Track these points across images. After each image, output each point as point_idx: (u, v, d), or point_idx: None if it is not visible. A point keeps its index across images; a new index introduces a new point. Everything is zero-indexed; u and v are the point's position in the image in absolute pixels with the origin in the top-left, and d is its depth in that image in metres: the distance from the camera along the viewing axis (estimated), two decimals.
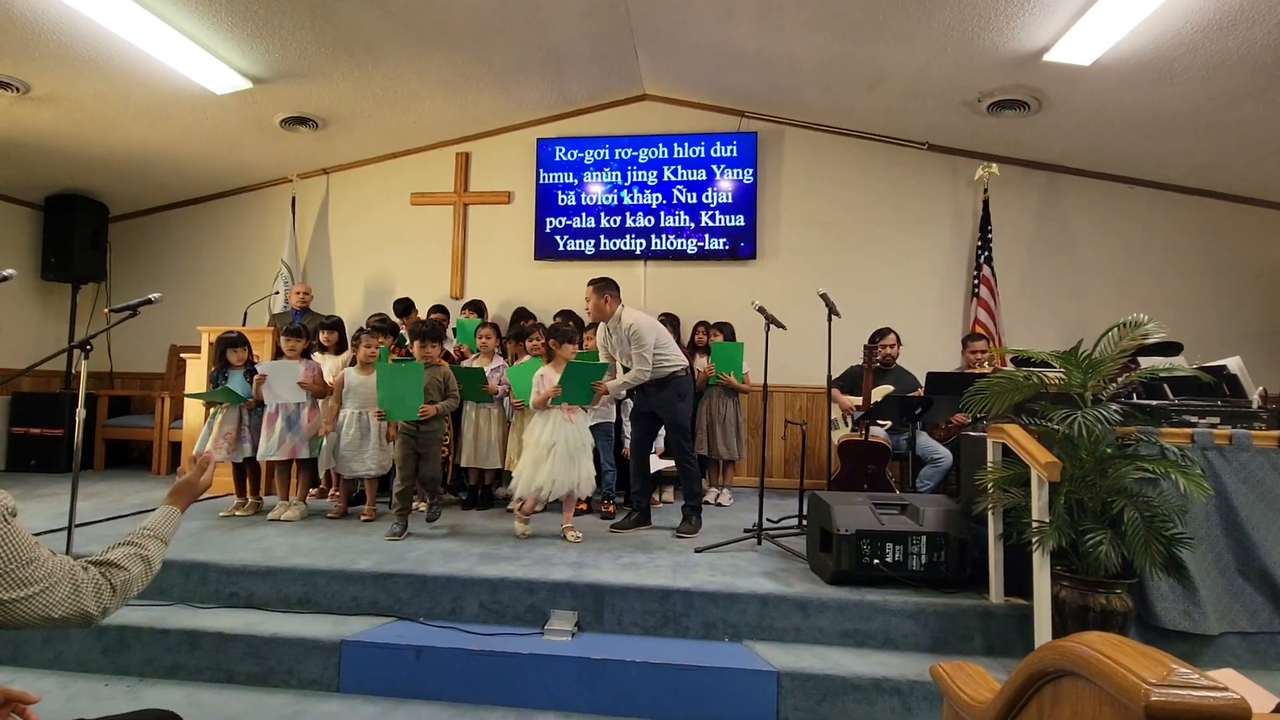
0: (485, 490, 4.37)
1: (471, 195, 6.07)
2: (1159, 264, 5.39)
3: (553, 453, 3.35)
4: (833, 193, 5.71)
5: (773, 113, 5.69)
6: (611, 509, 4.08)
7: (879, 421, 4.15)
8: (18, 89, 4.28)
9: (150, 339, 6.09)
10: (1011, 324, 5.37)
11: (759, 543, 3.37)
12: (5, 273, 3.24)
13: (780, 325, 3.55)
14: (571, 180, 5.89)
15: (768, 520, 3.68)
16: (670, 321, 4.97)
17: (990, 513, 2.57)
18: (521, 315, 5.39)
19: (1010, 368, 3.07)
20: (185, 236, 6.39)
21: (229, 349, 3.99)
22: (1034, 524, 2.28)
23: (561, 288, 5.77)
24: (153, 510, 1.35)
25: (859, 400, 4.12)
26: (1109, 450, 2.33)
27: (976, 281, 5.35)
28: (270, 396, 3.86)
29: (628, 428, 4.36)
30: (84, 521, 3.46)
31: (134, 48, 3.94)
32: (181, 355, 5.11)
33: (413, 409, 3.48)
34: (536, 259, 5.92)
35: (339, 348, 4.52)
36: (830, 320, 3.64)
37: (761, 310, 3.49)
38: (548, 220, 5.91)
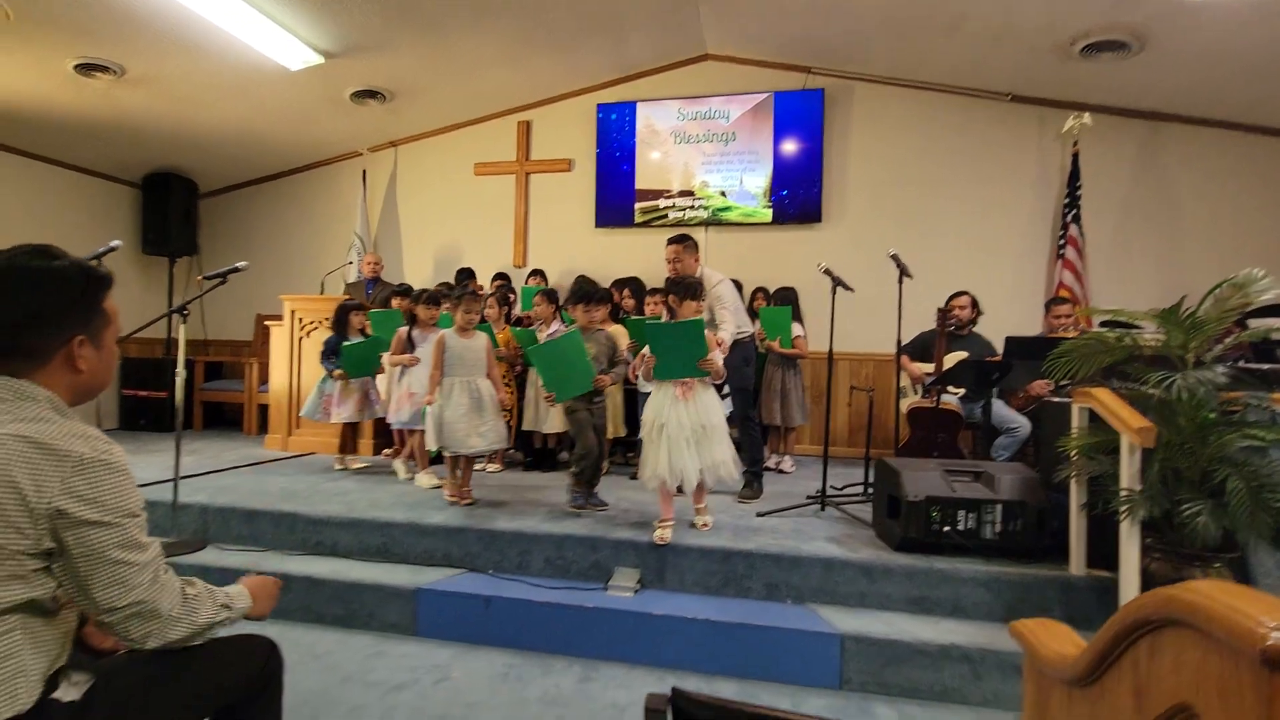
0: (550, 453, 4.47)
1: (533, 164, 6.11)
2: (1273, 220, 4.89)
3: (664, 436, 2.79)
4: (904, 150, 5.43)
5: (841, 67, 5.43)
6: None
7: (951, 389, 3.98)
8: (115, 72, 4.56)
9: (238, 309, 6.49)
10: (1100, 288, 5.01)
11: (822, 509, 3.33)
12: (112, 244, 3.50)
13: (847, 287, 3.43)
14: (632, 145, 5.83)
15: (832, 488, 3.61)
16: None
17: (1074, 481, 2.44)
18: (584, 284, 5.42)
19: (1098, 329, 2.86)
20: (266, 211, 6.73)
21: (350, 314, 4.17)
22: (1123, 492, 2.14)
23: (622, 255, 5.77)
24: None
25: (930, 368, 3.96)
26: (1212, 416, 2.15)
27: (1063, 242, 5.01)
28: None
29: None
30: (187, 474, 3.76)
31: (214, 26, 4.12)
32: (266, 323, 5.42)
33: (585, 380, 3.08)
34: (597, 226, 5.93)
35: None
36: (901, 282, 3.49)
37: (828, 272, 3.38)
38: (608, 187, 5.89)
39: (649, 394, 3.10)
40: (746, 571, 2.66)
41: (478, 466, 4.39)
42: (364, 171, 6.31)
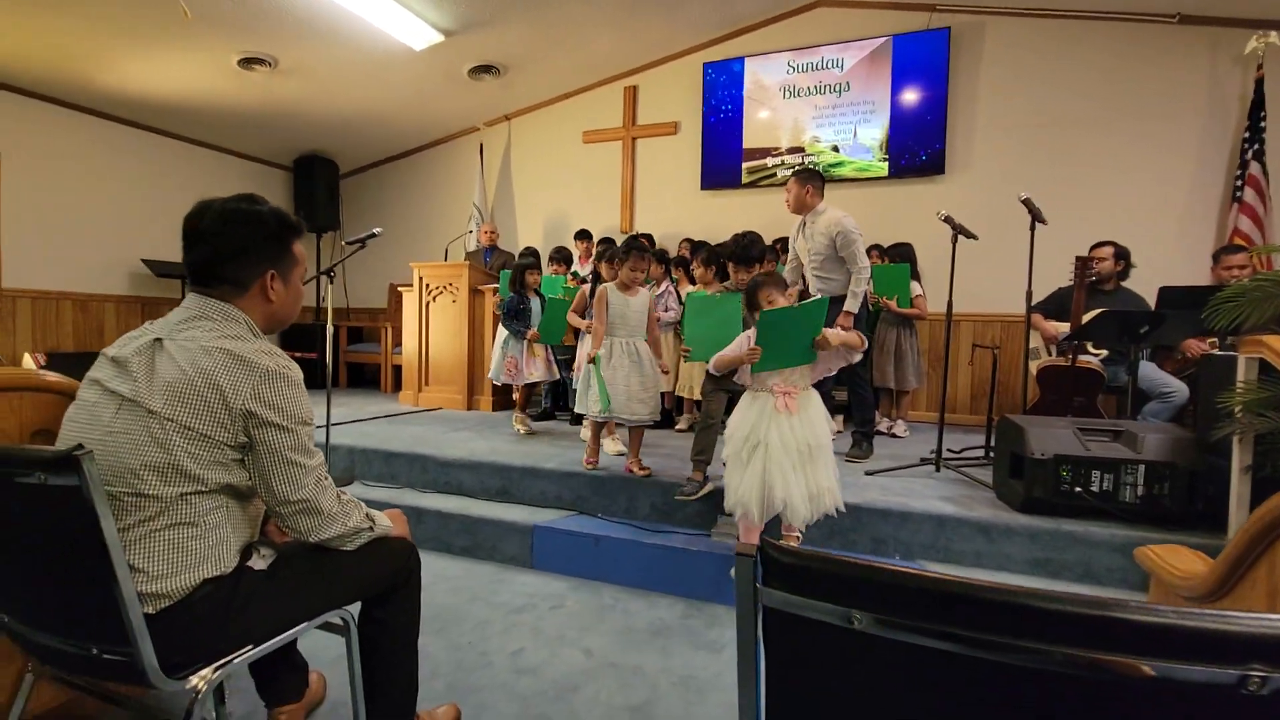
0: (665, 413, 4.58)
1: (639, 129, 6.15)
2: None
3: (760, 456, 2.26)
4: (1043, 90, 4.93)
5: (970, 2, 4.99)
6: None
7: (1091, 349, 3.63)
8: (270, 64, 5.09)
9: (374, 279, 7.11)
10: None
11: (937, 469, 3.19)
12: None
13: (970, 235, 3.21)
14: (739, 104, 5.71)
15: (948, 450, 3.45)
16: None
17: (1236, 440, 2.18)
18: (694, 248, 5.42)
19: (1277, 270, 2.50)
20: (396, 187, 7.28)
21: (526, 272, 4.05)
22: None
23: (729, 216, 5.71)
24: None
25: (1066, 327, 3.63)
26: None
27: (1240, 183, 4.37)
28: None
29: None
30: (336, 422, 4.23)
31: (350, 13, 4.47)
32: (399, 290, 5.91)
33: (722, 347, 2.67)
34: (703, 189, 5.89)
35: None
36: (1033, 229, 3.21)
37: (948, 220, 3.17)
38: (714, 147, 5.82)
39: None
40: (852, 525, 2.63)
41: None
42: (481, 145, 6.65)
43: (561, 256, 4.73)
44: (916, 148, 5.19)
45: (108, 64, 4.88)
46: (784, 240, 4.85)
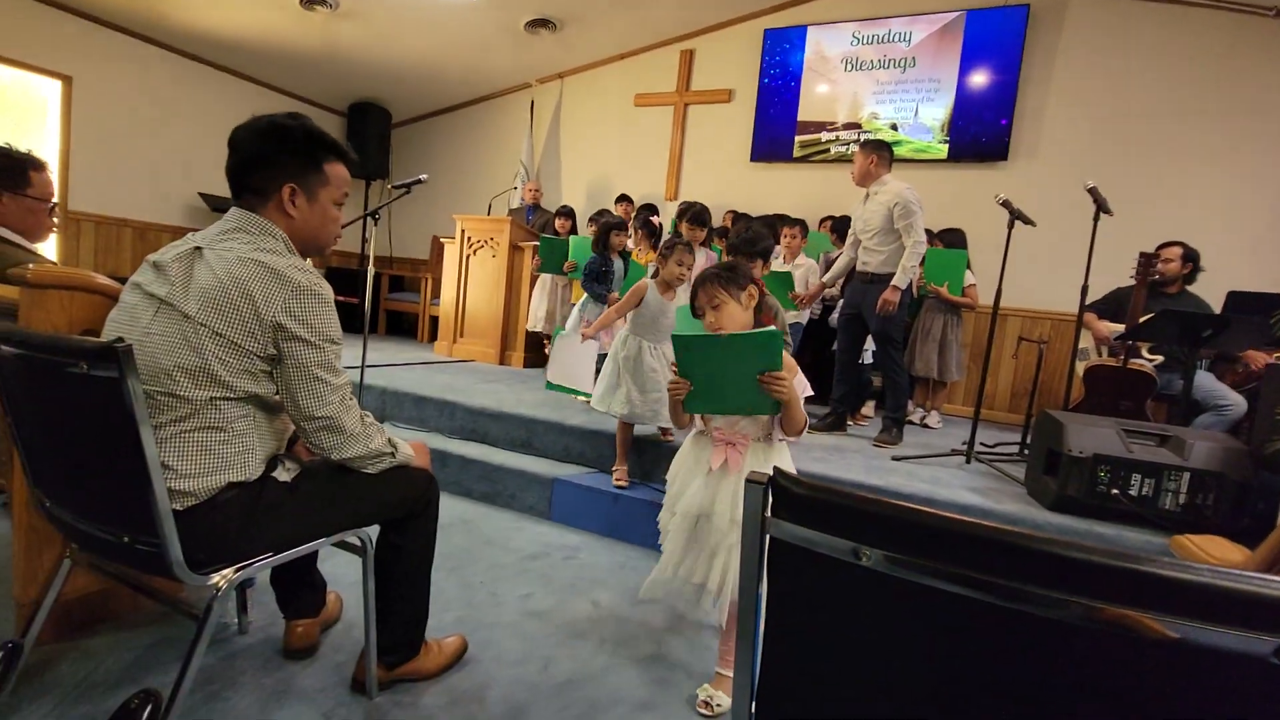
0: None
1: (692, 95, 6.03)
2: None
3: (674, 523, 1.72)
4: (1123, 77, 4.65)
5: None
6: None
7: (1146, 354, 3.47)
8: (331, 6, 5.11)
9: (417, 229, 7.20)
10: None
11: (968, 461, 3.11)
12: None
13: (1028, 221, 3.07)
14: (798, 74, 5.53)
15: (983, 445, 3.35)
16: None
17: None
18: (736, 219, 5.34)
19: None
20: (445, 139, 7.31)
21: (611, 233, 3.81)
22: None
23: (776, 190, 5.60)
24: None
25: (1121, 328, 3.46)
26: None
27: None
28: None
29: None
30: (371, 365, 4.32)
31: None
32: (441, 242, 5.97)
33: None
34: (753, 160, 5.77)
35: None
36: (1096, 219, 3.05)
37: (1006, 204, 3.04)
38: (768, 119, 5.67)
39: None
40: None
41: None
42: (532, 102, 6.61)
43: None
44: (980, 131, 4.97)
45: None
46: (832, 218, 4.73)
